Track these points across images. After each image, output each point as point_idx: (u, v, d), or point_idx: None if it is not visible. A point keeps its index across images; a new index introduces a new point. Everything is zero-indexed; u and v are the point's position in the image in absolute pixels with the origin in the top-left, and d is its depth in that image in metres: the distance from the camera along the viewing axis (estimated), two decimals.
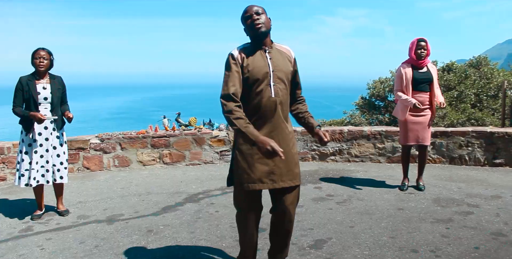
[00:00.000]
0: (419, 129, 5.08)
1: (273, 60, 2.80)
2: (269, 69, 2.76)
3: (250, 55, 2.79)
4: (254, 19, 2.73)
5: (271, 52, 2.82)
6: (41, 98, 4.46)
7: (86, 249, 3.72)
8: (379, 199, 4.91)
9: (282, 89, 2.79)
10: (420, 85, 5.03)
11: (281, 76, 2.79)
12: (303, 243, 3.70)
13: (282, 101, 2.78)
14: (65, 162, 4.66)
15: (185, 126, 7.24)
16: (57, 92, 4.54)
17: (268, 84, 2.75)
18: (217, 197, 5.17)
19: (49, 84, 4.52)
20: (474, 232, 3.87)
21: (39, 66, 4.47)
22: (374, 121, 11.12)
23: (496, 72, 11.13)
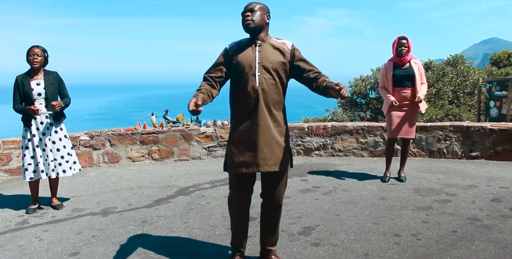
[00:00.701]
0: (403, 123, 5.33)
1: (262, 52, 2.99)
2: (255, 60, 2.96)
3: (241, 47, 3.02)
4: (246, 16, 2.95)
5: (262, 45, 3.01)
6: (35, 94, 4.58)
7: (84, 239, 3.86)
8: (363, 190, 5.14)
9: (267, 78, 2.96)
10: (402, 82, 5.26)
11: (268, 66, 2.96)
12: (292, 230, 3.90)
13: (266, 90, 2.94)
14: (66, 156, 4.77)
15: (173, 123, 7.39)
16: (51, 87, 4.65)
17: (253, 74, 2.95)
18: (207, 190, 5.34)
19: (42, 80, 4.64)
20: (452, 218, 4.12)
21: (33, 62, 4.59)
22: (356, 118, 11.40)
23: (472, 70, 11.52)
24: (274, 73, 2.99)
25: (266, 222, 3.20)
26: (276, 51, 3.03)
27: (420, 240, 3.61)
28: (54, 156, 4.69)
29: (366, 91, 11.39)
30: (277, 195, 3.08)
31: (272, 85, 2.98)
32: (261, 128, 2.93)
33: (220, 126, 7.19)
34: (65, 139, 4.82)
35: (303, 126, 7.21)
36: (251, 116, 2.95)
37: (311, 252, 3.43)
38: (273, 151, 2.97)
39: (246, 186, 3.08)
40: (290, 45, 3.08)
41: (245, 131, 2.96)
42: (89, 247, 3.68)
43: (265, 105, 2.95)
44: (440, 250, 3.42)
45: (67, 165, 4.79)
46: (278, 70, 3.00)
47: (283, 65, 3.03)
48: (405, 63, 5.27)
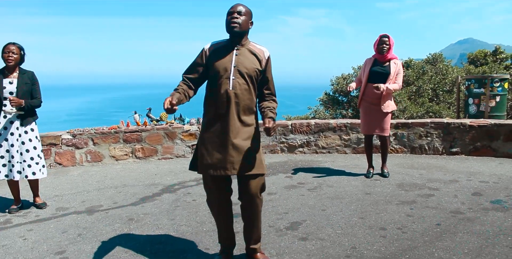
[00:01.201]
0: (375, 120, 5.40)
1: (239, 56, 3.00)
2: (231, 64, 2.97)
3: (219, 50, 3.03)
4: (233, 17, 2.94)
5: (240, 49, 3.02)
6: (6, 92, 4.45)
7: (69, 238, 3.82)
8: (348, 186, 5.20)
9: (241, 83, 2.97)
10: (376, 78, 5.31)
11: (242, 71, 2.97)
12: (279, 225, 3.93)
13: (239, 95, 2.95)
14: (36, 158, 4.61)
15: (156, 121, 7.35)
16: (23, 87, 4.50)
17: (227, 78, 2.95)
18: (192, 187, 5.34)
19: (16, 79, 4.51)
20: (436, 211, 4.21)
21: (8, 60, 4.45)
22: (338, 116, 11.50)
23: (451, 68, 11.73)
24: (248, 79, 3.00)
25: (246, 223, 3.17)
26: (253, 56, 3.04)
27: (406, 233, 3.67)
28: (23, 158, 4.55)
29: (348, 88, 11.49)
30: (253, 197, 3.03)
31: (245, 90, 3.00)
32: (231, 132, 2.94)
33: None
34: (35, 140, 4.64)
35: (287, 123, 7.25)
36: (222, 119, 2.96)
37: (299, 246, 3.46)
38: (241, 155, 2.96)
39: (220, 187, 3.06)
40: (266, 55, 3.11)
41: (215, 133, 2.98)
42: (76, 245, 3.64)
43: (236, 109, 2.96)
44: (425, 242, 3.48)
45: (37, 167, 4.62)
46: (252, 76, 3.02)
47: (257, 72, 3.04)
48: (385, 61, 5.34)
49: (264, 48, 3.13)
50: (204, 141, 3.02)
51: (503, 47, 16.00)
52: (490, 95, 8.57)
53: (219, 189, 3.07)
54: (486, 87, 8.57)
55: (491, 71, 12.56)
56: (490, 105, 8.56)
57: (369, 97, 5.37)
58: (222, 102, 2.95)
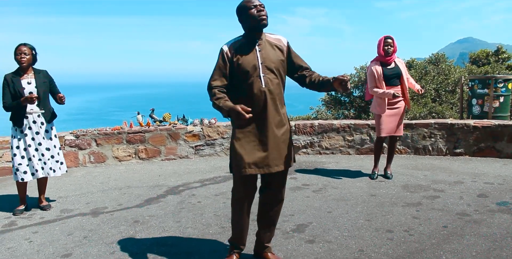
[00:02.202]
0: (394, 121, 5.40)
1: (262, 52, 2.96)
2: (258, 61, 2.93)
3: (240, 48, 2.97)
4: (260, 10, 2.88)
5: (261, 44, 2.98)
6: (27, 93, 4.49)
7: (75, 240, 3.80)
8: (352, 187, 5.19)
9: (272, 79, 2.96)
10: (390, 80, 5.32)
11: (271, 66, 2.96)
12: (286, 227, 3.92)
13: (272, 91, 2.95)
14: (56, 156, 4.72)
15: (159, 122, 7.34)
16: (42, 86, 4.58)
17: (258, 76, 2.93)
18: (197, 189, 5.32)
19: (33, 78, 4.57)
20: (442, 213, 4.19)
21: (21, 61, 4.50)
22: (340, 116, 11.48)
23: (453, 68, 11.71)
24: (276, 73, 2.99)
25: (266, 219, 3.19)
26: (275, 48, 3.02)
27: (413, 236, 3.66)
28: (47, 156, 4.64)
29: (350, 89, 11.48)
30: (281, 193, 3.13)
31: (277, 85, 2.99)
32: (270, 129, 2.94)
33: (207, 124, 7.17)
34: (55, 139, 4.76)
35: (290, 124, 7.23)
36: (259, 117, 2.93)
37: (306, 249, 3.45)
38: (281, 151, 3.00)
39: (252, 186, 3.07)
40: (285, 42, 3.10)
41: (253, 132, 2.95)
42: (82, 248, 3.63)
43: (273, 106, 2.95)
44: (432, 245, 3.47)
45: (57, 165, 4.74)
46: (279, 69, 3.01)
47: (283, 63, 3.04)
48: (391, 62, 5.34)
49: (279, 35, 3.11)
50: (241, 142, 2.96)
51: (504, 47, 15.99)
52: (494, 95, 8.56)
53: (253, 188, 3.08)
54: (490, 87, 8.56)
55: (494, 71, 12.55)
56: (493, 106, 8.55)
57: (390, 100, 5.34)
58: (257, 101, 2.92)
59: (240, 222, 3.16)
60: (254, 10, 2.89)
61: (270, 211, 3.17)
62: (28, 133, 4.54)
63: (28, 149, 4.54)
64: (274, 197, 3.13)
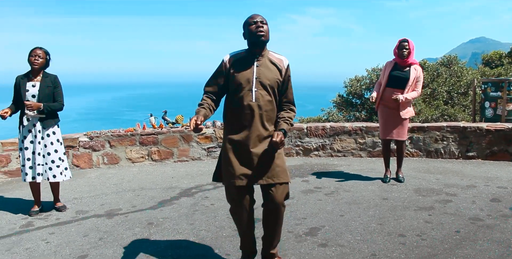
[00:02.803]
0: (394, 125, 5.39)
1: (260, 68, 3.02)
2: (253, 76, 2.99)
3: (239, 61, 3.05)
4: (259, 26, 2.96)
5: (260, 60, 3.05)
6: (29, 95, 4.54)
7: (91, 242, 3.87)
8: (364, 190, 5.20)
9: (264, 95, 3.01)
10: (395, 83, 5.31)
11: (265, 83, 3.01)
12: (298, 231, 3.95)
13: (262, 106, 2.99)
14: (57, 160, 4.66)
15: (172, 124, 7.40)
16: (45, 90, 4.58)
17: (250, 90, 2.98)
18: (210, 191, 5.37)
19: (39, 82, 4.61)
20: (454, 218, 4.20)
21: (33, 63, 4.56)
22: (351, 118, 11.49)
23: (466, 70, 11.64)
24: (270, 90, 3.03)
25: (268, 230, 3.18)
26: (273, 67, 3.07)
27: (425, 240, 3.67)
28: (45, 161, 4.62)
29: (361, 91, 11.48)
30: (277, 206, 3.04)
31: (268, 101, 3.03)
32: (255, 142, 2.98)
33: (219, 127, 7.22)
34: (57, 144, 4.69)
35: (302, 127, 7.26)
36: (245, 130, 2.99)
37: (319, 252, 3.48)
38: (265, 165, 2.99)
39: (244, 197, 3.05)
40: (286, 64, 3.14)
41: (238, 144, 3.00)
42: (98, 249, 3.69)
43: (259, 121, 2.99)
44: (445, 250, 3.48)
45: (58, 170, 4.67)
46: (273, 87, 3.05)
47: (278, 82, 3.08)
48: (406, 66, 5.33)
49: (283, 57, 3.16)
50: (227, 152, 3.03)
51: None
52: (507, 98, 8.50)
53: (243, 199, 3.06)
54: (503, 90, 8.51)
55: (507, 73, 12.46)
56: (507, 109, 8.50)
57: (387, 102, 5.36)
58: (245, 114, 2.98)
59: (241, 231, 3.19)
60: (254, 26, 2.96)
61: (270, 224, 3.14)
62: (27, 136, 4.60)
63: (26, 151, 4.59)
64: (272, 212, 3.08)
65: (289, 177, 3.10)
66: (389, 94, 5.29)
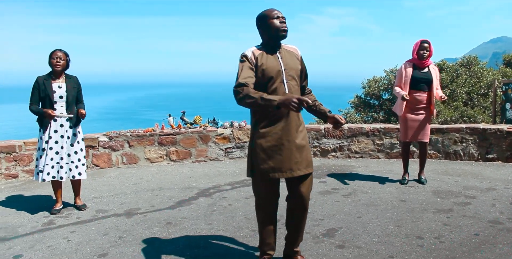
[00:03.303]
0: (418, 127, 5.36)
1: (284, 59, 3.08)
2: (281, 68, 3.03)
3: (263, 55, 3.06)
4: (283, 22, 3.00)
5: (281, 52, 3.10)
6: (57, 96, 4.66)
7: (111, 240, 3.93)
8: (382, 192, 5.19)
9: (294, 85, 3.07)
10: (419, 84, 5.28)
11: (292, 73, 3.07)
12: (316, 232, 3.96)
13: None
14: (82, 159, 4.86)
15: (190, 124, 7.46)
16: (72, 91, 4.74)
17: (281, 82, 3.03)
18: (227, 191, 5.41)
19: (64, 83, 4.73)
20: (473, 221, 4.16)
21: (56, 66, 4.67)
22: (369, 119, 11.43)
23: (486, 71, 11.48)
24: (297, 79, 3.11)
25: (293, 225, 3.23)
26: (293, 57, 3.14)
27: (443, 243, 3.65)
28: (71, 159, 4.76)
29: (379, 92, 11.42)
30: (305, 198, 3.13)
31: (297, 91, 3.11)
32: (292, 134, 3.02)
33: (237, 127, 7.26)
34: (82, 143, 4.89)
35: (320, 127, 7.26)
36: (283, 121, 3.01)
37: (336, 254, 3.49)
38: (303, 155, 3.06)
39: (274, 191, 3.13)
40: (299, 52, 3.23)
41: (275, 137, 3.01)
42: (117, 248, 3.75)
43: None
44: (464, 253, 3.46)
45: (83, 168, 4.86)
46: (298, 76, 3.13)
47: (300, 71, 3.17)
48: (425, 67, 5.30)
49: (294, 46, 3.23)
50: (262, 147, 3.03)
51: None
52: None
53: (275, 193, 3.14)
54: None
55: None
56: None
57: (412, 104, 5.32)
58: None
59: (265, 228, 3.21)
60: (277, 20, 2.99)
61: (296, 218, 3.20)
62: (52, 136, 4.68)
63: (48, 151, 4.67)
64: (299, 205, 3.13)
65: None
66: (413, 97, 5.29)
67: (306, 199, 3.13)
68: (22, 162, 6.44)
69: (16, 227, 4.38)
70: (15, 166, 6.41)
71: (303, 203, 3.13)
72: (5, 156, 6.34)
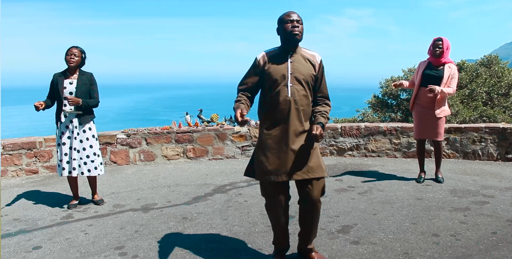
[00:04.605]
0: (429, 124, 5.32)
1: (294, 63, 3.08)
2: (288, 71, 3.04)
3: (273, 58, 3.10)
4: (295, 26, 3.01)
5: (294, 56, 3.10)
6: (66, 92, 4.72)
7: (127, 234, 3.99)
8: (398, 190, 5.15)
9: (299, 90, 3.05)
10: (429, 82, 5.22)
11: (299, 78, 3.05)
12: (331, 228, 3.96)
13: (298, 101, 3.03)
14: (92, 156, 4.83)
15: (207, 122, 7.52)
16: (82, 87, 4.76)
17: (285, 85, 3.03)
18: (243, 188, 5.44)
19: (75, 79, 4.78)
20: (491, 219, 4.11)
21: (69, 62, 4.74)
22: (387, 119, 11.34)
23: (507, 71, 11.29)
24: (305, 85, 3.08)
25: (306, 224, 3.22)
26: (307, 62, 3.12)
27: (460, 241, 3.62)
28: (80, 156, 4.78)
29: (397, 92, 11.32)
30: (314, 202, 3.10)
31: (304, 96, 3.08)
32: (291, 138, 3.02)
33: (254, 125, 7.28)
34: (92, 139, 4.86)
35: (336, 126, 7.24)
36: (282, 125, 3.03)
37: (351, 250, 3.49)
38: (301, 160, 3.03)
39: (280, 193, 3.11)
40: (319, 59, 3.18)
41: (274, 140, 3.04)
42: (133, 241, 3.81)
43: (296, 116, 3.03)
44: (480, 250, 3.42)
45: (92, 165, 4.83)
46: (308, 82, 3.09)
47: (313, 77, 3.12)
48: (439, 65, 5.26)
49: (315, 52, 3.20)
50: (263, 148, 3.08)
51: None
52: None
53: (279, 194, 3.11)
54: None
55: None
56: None
57: (422, 101, 5.30)
58: (282, 109, 3.02)
59: (276, 226, 3.23)
60: (290, 24, 3.01)
61: (306, 218, 3.19)
62: (64, 132, 4.76)
63: (62, 147, 4.76)
64: (309, 208, 3.13)
65: (326, 172, 3.13)
66: (424, 93, 5.24)
67: (316, 202, 3.10)
68: (42, 158, 6.56)
69: (36, 220, 4.47)
70: (36, 162, 6.54)
71: (313, 206, 3.12)
72: (26, 152, 6.46)
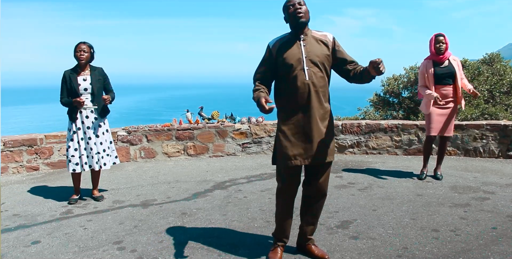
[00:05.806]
0: (444, 121, 5.30)
1: (307, 46, 3.05)
2: (302, 55, 3.02)
3: (285, 44, 3.07)
4: (297, 8, 2.99)
5: (305, 39, 3.07)
6: (82, 89, 4.75)
7: (126, 229, 3.99)
8: (399, 187, 5.14)
9: (316, 72, 3.02)
10: (443, 79, 5.22)
11: (315, 60, 3.03)
12: (330, 223, 3.95)
13: (316, 84, 3.01)
14: (107, 149, 4.96)
15: (208, 120, 7.51)
16: (97, 83, 4.82)
17: (302, 69, 3.01)
18: (243, 184, 5.43)
19: (89, 75, 4.81)
20: (491, 215, 4.09)
21: (80, 58, 4.76)
22: (388, 117, 11.31)
23: (509, 69, 11.24)
24: (321, 66, 3.05)
25: (310, 212, 3.25)
26: (320, 43, 3.09)
27: (459, 236, 3.60)
28: (98, 149, 4.85)
29: (399, 90, 11.28)
30: (324, 186, 3.17)
31: (321, 78, 3.05)
32: (314, 121, 3.01)
33: (254, 123, 7.27)
34: (107, 133, 4.99)
35: (337, 123, 7.23)
36: (303, 109, 3.01)
37: (350, 244, 3.47)
38: (324, 143, 3.05)
39: (295, 178, 3.14)
40: (331, 37, 3.15)
41: (297, 124, 3.03)
42: (132, 236, 3.80)
43: (316, 98, 3.01)
44: (480, 245, 3.41)
45: (108, 158, 4.97)
46: (324, 63, 3.07)
47: (328, 57, 3.09)
48: (444, 61, 5.23)
49: (326, 32, 3.17)
50: (285, 134, 3.05)
51: None
52: None
53: (296, 179, 3.14)
54: None
55: None
56: None
57: (439, 100, 5.26)
58: (302, 93, 2.99)
59: (283, 214, 3.23)
60: (292, 8, 3.00)
61: (314, 205, 3.23)
62: (80, 127, 4.80)
63: (80, 142, 4.80)
64: (318, 191, 3.18)
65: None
66: (440, 92, 5.23)
67: (325, 186, 3.19)
68: (43, 155, 6.57)
69: (36, 215, 4.47)
70: (36, 158, 6.54)
71: (322, 190, 3.18)
72: (26, 149, 6.47)
